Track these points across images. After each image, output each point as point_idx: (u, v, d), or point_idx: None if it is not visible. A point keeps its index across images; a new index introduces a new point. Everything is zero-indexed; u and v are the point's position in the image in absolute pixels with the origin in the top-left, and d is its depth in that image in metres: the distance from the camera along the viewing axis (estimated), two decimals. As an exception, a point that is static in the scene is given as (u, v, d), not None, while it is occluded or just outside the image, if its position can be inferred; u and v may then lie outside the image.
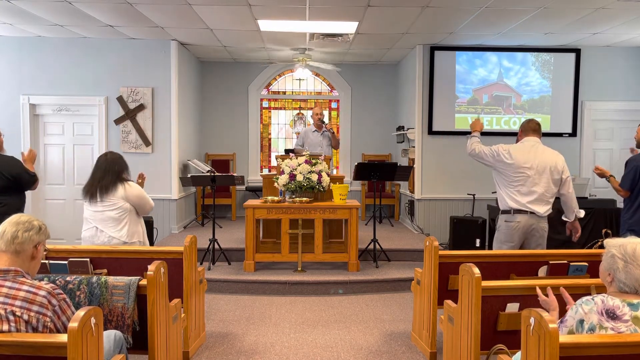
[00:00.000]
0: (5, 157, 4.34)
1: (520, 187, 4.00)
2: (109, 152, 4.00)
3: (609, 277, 2.14)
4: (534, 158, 4.00)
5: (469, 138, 4.37)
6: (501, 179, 4.13)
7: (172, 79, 7.13)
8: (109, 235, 3.77)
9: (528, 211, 3.98)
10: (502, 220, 4.11)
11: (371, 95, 9.05)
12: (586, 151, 7.42)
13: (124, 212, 3.80)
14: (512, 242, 4.04)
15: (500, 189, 4.15)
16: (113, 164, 3.84)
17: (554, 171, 4.02)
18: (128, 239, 3.80)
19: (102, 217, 3.77)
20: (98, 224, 3.78)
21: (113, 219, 3.78)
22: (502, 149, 4.10)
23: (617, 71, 7.38)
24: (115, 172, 3.82)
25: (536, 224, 4.01)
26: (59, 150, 7.24)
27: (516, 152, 4.04)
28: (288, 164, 5.63)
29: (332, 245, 5.95)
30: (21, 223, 2.23)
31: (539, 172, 3.99)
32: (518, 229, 4.00)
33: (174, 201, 7.21)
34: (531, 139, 4.12)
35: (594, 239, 5.83)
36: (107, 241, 3.76)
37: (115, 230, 3.77)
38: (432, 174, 7.31)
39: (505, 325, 2.88)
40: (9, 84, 7.07)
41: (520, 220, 3.99)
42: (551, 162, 4.03)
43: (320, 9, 5.46)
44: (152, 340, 2.80)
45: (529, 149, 4.05)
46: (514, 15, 5.67)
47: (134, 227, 3.87)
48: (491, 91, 7.36)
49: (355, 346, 3.90)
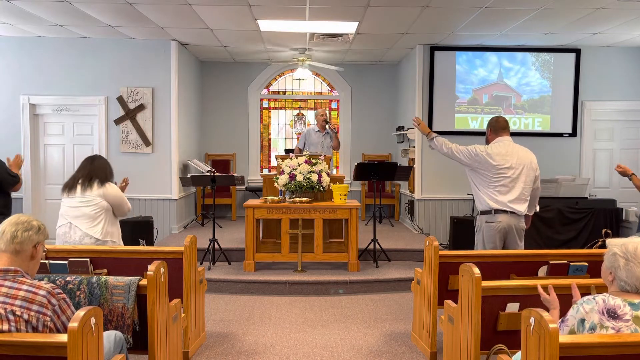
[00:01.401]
0: None
1: (500, 187, 3.98)
2: (95, 155, 4.03)
3: (610, 276, 2.14)
4: (511, 157, 4.00)
5: (431, 140, 4.32)
6: (479, 179, 4.08)
7: (172, 79, 7.13)
8: (82, 231, 3.75)
9: (509, 210, 3.96)
10: (482, 221, 4.07)
11: (371, 95, 9.05)
12: (586, 151, 7.42)
13: (100, 210, 3.80)
14: (493, 243, 4.00)
15: (478, 190, 4.10)
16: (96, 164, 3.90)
17: (530, 169, 4.04)
18: (101, 237, 3.79)
19: (77, 214, 3.77)
20: (72, 220, 3.78)
21: (88, 215, 3.78)
22: (480, 149, 4.05)
23: (617, 71, 7.38)
24: (96, 172, 3.86)
25: (516, 223, 4.00)
26: (59, 150, 7.24)
27: (495, 153, 4.01)
28: (288, 164, 5.63)
29: (332, 245, 5.95)
30: (20, 223, 2.24)
31: (518, 171, 3.99)
32: (500, 229, 3.97)
33: (174, 201, 7.21)
34: (505, 138, 4.10)
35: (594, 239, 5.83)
36: (79, 240, 3.74)
37: (89, 227, 3.77)
38: (432, 174, 7.31)
39: (505, 325, 2.88)
40: (8, 84, 7.07)
41: (502, 220, 3.96)
42: (527, 160, 4.04)
43: (320, 9, 5.46)
44: (152, 340, 2.80)
45: (505, 148, 4.02)
46: (514, 15, 5.67)
47: (109, 227, 3.87)
48: (491, 91, 7.36)
49: (355, 346, 3.90)
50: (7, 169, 4.35)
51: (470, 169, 4.15)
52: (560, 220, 6.20)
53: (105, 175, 3.90)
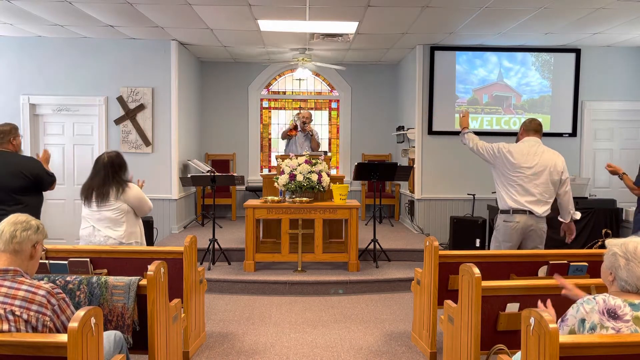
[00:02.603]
0: (26, 158, 4.33)
1: (519, 187, 3.99)
2: (107, 154, 3.86)
3: (610, 276, 2.14)
4: (533, 158, 3.99)
5: (463, 135, 4.37)
6: (500, 178, 4.12)
7: (172, 79, 7.13)
8: (105, 235, 3.72)
9: (527, 211, 3.97)
10: (500, 220, 4.10)
11: (371, 95, 9.05)
12: (586, 151, 7.42)
13: (121, 213, 3.75)
14: (510, 242, 4.02)
15: (499, 188, 4.14)
16: (112, 169, 3.76)
17: (554, 172, 4.01)
18: (125, 240, 3.75)
19: (99, 217, 3.73)
20: (95, 223, 3.74)
21: (110, 219, 3.73)
22: (503, 147, 4.09)
23: (617, 71, 7.38)
24: (115, 180, 3.74)
25: (535, 225, 4.00)
26: (59, 150, 7.24)
27: (516, 152, 4.03)
28: (288, 164, 5.63)
29: (332, 245, 5.95)
30: (19, 223, 2.24)
31: (539, 172, 3.98)
32: (517, 229, 3.99)
33: (174, 201, 7.21)
34: (532, 138, 4.10)
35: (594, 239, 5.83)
36: (104, 241, 3.71)
37: (112, 230, 3.73)
38: (432, 174, 7.31)
39: (505, 325, 2.87)
40: (9, 84, 7.07)
41: (519, 220, 3.98)
42: (551, 162, 4.01)
43: (320, 9, 5.46)
44: (152, 340, 2.80)
45: (529, 148, 4.04)
46: (514, 15, 5.67)
47: (132, 228, 3.82)
48: (491, 91, 7.36)
49: (355, 346, 3.90)
50: (46, 170, 4.32)
51: (493, 167, 4.19)
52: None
53: (120, 178, 3.78)
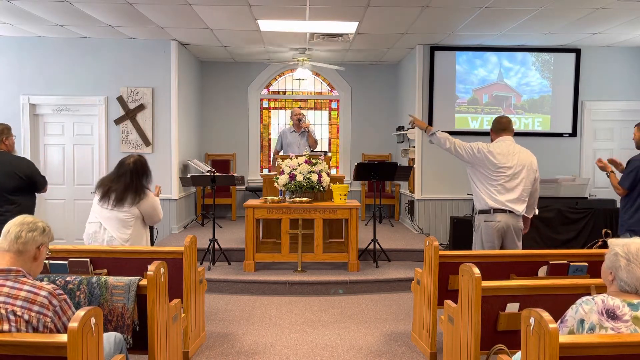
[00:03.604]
0: (19, 158, 4.34)
1: (499, 187, 4.00)
2: (133, 157, 3.82)
3: (610, 275, 2.14)
4: (512, 158, 4.02)
5: (431, 135, 4.29)
6: (479, 178, 4.10)
7: (172, 79, 7.13)
8: (111, 235, 3.72)
9: (507, 210, 3.98)
10: (480, 220, 4.09)
11: (371, 95, 9.05)
12: (586, 151, 7.42)
13: (131, 217, 3.76)
14: (491, 242, 4.02)
15: (477, 188, 4.12)
16: (137, 175, 3.76)
17: (530, 170, 4.06)
18: (129, 243, 3.76)
19: (109, 215, 3.74)
20: (103, 220, 3.75)
21: (119, 220, 3.74)
22: (482, 147, 4.08)
23: (617, 71, 7.38)
24: (136, 186, 3.75)
25: (514, 223, 4.02)
26: (59, 150, 7.24)
27: (497, 152, 4.03)
28: (288, 164, 5.63)
29: (332, 245, 5.95)
30: (25, 223, 2.24)
31: (518, 171, 4.01)
32: (498, 228, 3.99)
33: (174, 201, 7.21)
34: (506, 138, 4.12)
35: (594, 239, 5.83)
36: (108, 240, 3.72)
37: (119, 232, 3.73)
38: (432, 174, 7.31)
39: (505, 325, 2.88)
40: (9, 84, 7.07)
41: (500, 220, 3.98)
42: (527, 161, 4.06)
43: (320, 9, 5.46)
44: (152, 340, 2.80)
45: (507, 148, 4.05)
46: (514, 15, 5.67)
47: (138, 233, 3.83)
48: (491, 91, 7.36)
49: (355, 346, 3.90)
50: (39, 171, 4.34)
51: (470, 167, 4.17)
52: (560, 220, 6.19)
53: (142, 185, 3.78)
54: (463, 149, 4.14)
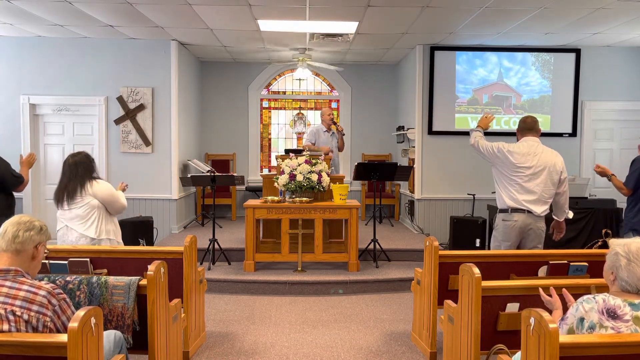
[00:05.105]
0: None
1: (518, 186, 4.01)
2: (71, 154, 3.90)
3: (611, 275, 2.14)
4: (533, 158, 4.00)
5: (472, 131, 4.37)
6: (500, 177, 4.13)
7: (172, 79, 7.13)
8: (77, 233, 3.76)
9: (525, 210, 3.98)
10: (499, 219, 4.11)
11: (371, 95, 9.05)
12: (586, 151, 7.42)
13: (91, 210, 3.78)
14: (509, 241, 4.03)
15: (499, 187, 4.15)
16: (76, 169, 3.80)
17: (553, 171, 4.02)
18: (96, 236, 3.78)
19: (71, 216, 3.79)
20: (68, 222, 3.80)
21: (80, 216, 3.78)
22: (503, 147, 4.10)
23: (617, 71, 7.38)
24: (79, 176, 3.79)
25: (533, 224, 4.00)
26: (59, 150, 7.24)
27: (517, 152, 4.04)
28: (288, 164, 5.63)
29: (332, 245, 5.95)
30: (22, 223, 2.24)
31: (538, 172, 3.99)
32: (515, 228, 3.99)
33: (174, 201, 7.21)
34: (530, 138, 4.11)
35: (594, 239, 5.84)
36: (75, 240, 3.76)
37: (83, 228, 3.77)
38: (432, 174, 7.31)
39: (505, 325, 2.88)
40: (9, 84, 7.07)
41: (517, 219, 3.98)
42: (550, 162, 4.02)
43: (320, 9, 5.46)
44: (152, 340, 2.80)
45: (528, 148, 4.04)
46: (514, 15, 5.67)
47: (104, 225, 3.85)
48: (491, 91, 7.36)
49: (355, 346, 3.90)
50: (11, 169, 4.34)
51: (492, 166, 4.20)
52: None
53: (84, 175, 3.80)
54: (484, 148, 4.17)
